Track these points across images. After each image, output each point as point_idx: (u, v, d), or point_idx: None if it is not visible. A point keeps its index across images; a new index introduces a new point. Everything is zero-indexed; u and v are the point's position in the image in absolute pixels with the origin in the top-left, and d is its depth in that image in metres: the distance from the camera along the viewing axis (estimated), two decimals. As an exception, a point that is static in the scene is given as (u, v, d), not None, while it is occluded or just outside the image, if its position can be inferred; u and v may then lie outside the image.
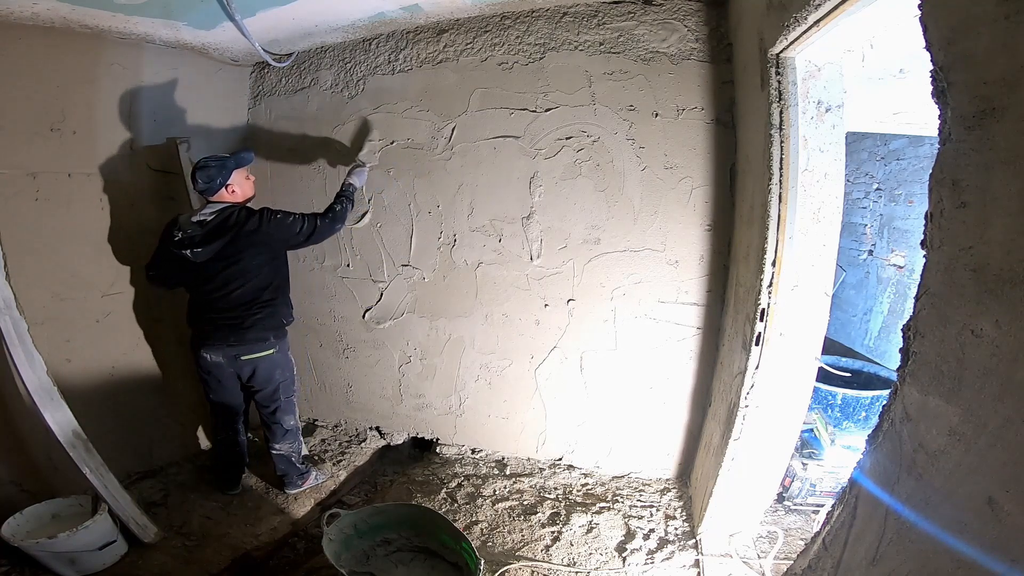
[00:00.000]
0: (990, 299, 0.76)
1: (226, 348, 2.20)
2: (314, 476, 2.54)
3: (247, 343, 2.20)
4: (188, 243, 2.11)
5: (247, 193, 2.22)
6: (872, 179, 4.25)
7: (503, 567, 2.00)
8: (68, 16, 1.99)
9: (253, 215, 2.13)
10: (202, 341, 2.22)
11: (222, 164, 2.12)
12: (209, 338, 2.21)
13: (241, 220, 2.10)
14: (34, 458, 2.06)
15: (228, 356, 2.21)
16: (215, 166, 2.10)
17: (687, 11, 2.07)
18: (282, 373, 2.31)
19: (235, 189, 2.15)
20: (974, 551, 0.76)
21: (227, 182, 2.12)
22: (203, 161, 2.11)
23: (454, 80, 2.44)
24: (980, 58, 0.75)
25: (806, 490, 2.29)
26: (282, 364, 2.30)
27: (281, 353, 2.29)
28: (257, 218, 2.12)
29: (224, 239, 2.09)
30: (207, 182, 2.10)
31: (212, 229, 2.10)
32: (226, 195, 2.15)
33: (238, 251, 2.12)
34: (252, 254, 2.15)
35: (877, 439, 1.06)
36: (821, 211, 1.65)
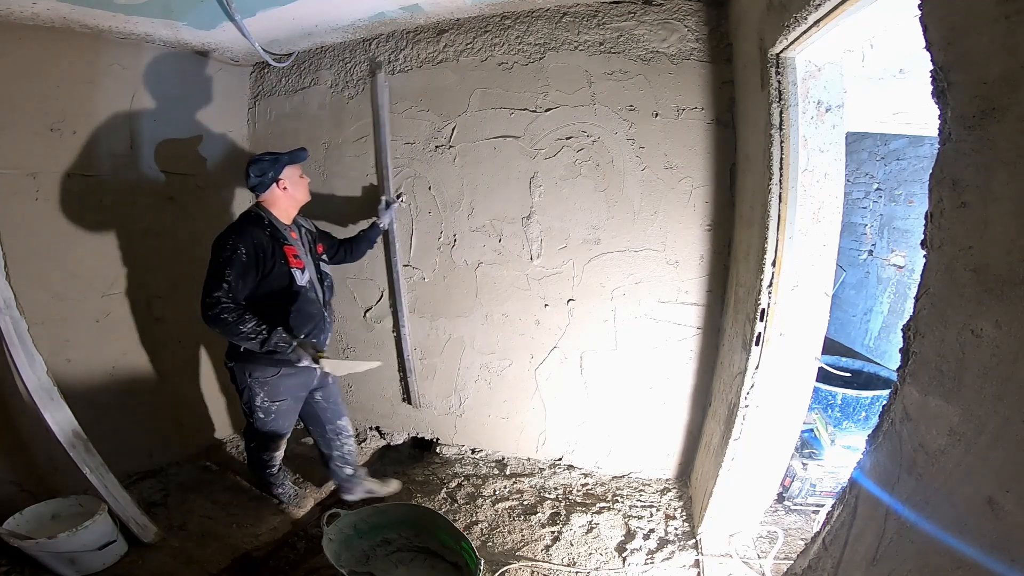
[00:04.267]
0: (990, 299, 0.76)
1: None
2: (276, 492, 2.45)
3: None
4: None
5: (298, 194, 2.09)
6: (872, 179, 4.25)
7: (503, 567, 2.00)
8: (68, 16, 1.99)
9: (229, 226, 1.98)
10: None
11: (275, 159, 2.02)
12: None
13: (231, 223, 2.02)
14: (34, 458, 2.06)
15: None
16: (268, 160, 2.01)
17: (687, 11, 2.07)
18: (237, 388, 2.14)
19: (287, 185, 2.04)
20: (974, 551, 0.76)
21: (279, 176, 2.01)
22: (256, 156, 2.02)
23: (454, 80, 2.44)
24: (980, 58, 0.75)
25: (806, 490, 2.29)
26: (236, 379, 2.12)
27: (233, 370, 2.10)
28: (221, 232, 1.94)
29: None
30: (259, 176, 1.99)
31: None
32: (278, 192, 2.03)
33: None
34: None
35: (877, 439, 1.06)
36: (821, 211, 1.65)
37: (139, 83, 2.41)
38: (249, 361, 2.03)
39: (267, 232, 1.97)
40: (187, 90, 2.62)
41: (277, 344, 1.90)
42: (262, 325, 1.88)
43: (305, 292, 2.06)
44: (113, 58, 2.29)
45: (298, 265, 2.03)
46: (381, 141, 2.55)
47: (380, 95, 2.50)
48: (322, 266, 2.20)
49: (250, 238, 1.91)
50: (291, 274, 2.00)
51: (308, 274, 2.07)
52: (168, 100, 2.54)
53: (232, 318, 1.82)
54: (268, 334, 1.88)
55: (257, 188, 2.02)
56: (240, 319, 1.84)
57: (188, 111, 2.65)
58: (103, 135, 2.31)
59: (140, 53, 2.38)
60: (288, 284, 2.00)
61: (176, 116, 2.60)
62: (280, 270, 1.97)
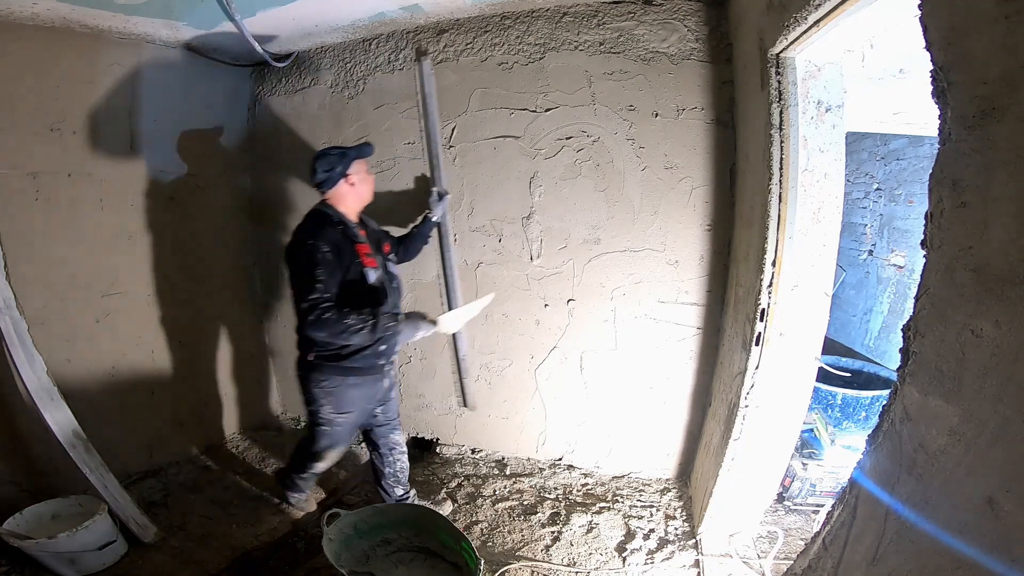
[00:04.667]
0: (990, 299, 0.76)
1: None
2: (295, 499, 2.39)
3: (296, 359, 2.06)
4: None
5: (365, 190, 2.00)
6: (872, 179, 4.25)
7: (503, 567, 2.00)
8: (68, 16, 1.99)
9: (300, 229, 1.88)
10: None
11: (343, 153, 1.92)
12: None
13: (302, 223, 1.91)
14: (34, 458, 2.07)
15: None
16: (336, 154, 1.91)
17: (687, 11, 2.07)
18: (304, 399, 2.07)
19: (354, 181, 1.94)
20: (974, 551, 0.76)
21: (347, 171, 1.91)
22: (323, 150, 1.93)
23: (454, 80, 2.44)
24: (980, 58, 0.75)
25: (806, 490, 2.29)
26: (304, 390, 2.04)
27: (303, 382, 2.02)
28: (294, 237, 1.87)
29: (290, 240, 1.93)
30: (327, 171, 1.89)
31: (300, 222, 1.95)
32: (344, 189, 1.93)
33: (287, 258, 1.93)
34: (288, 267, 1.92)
35: (877, 439, 1.06)
36: (821, 211, 1.65)
37: (139, 83, 2.41)
38: (318, 371, 1.96)
39: (339, 230, 1.89)
40: (187, 90, 2.62)
41: (386, 324, 1.82)
42: (363, 312, 1.79)
43: (383, 293, 1.99)
44: (113, 58, 2.29)
45: (371, 264, 1.95)
46: (430, 129, 2.40)
47: (427, 82, 2.34)
48: (390, 266, 2.10)
49: (328, 237, 1.82)
50: (364, 273, 1.92)
51: (378, 274, 1.98)
52: (168, 100, 2.54)
53: (335, 315, 1.75)
54: (375, 317, 1.80)
55: (324, 184, 1.91)
56: (342, 314, 1.76)
57: (188, 111, 2.65)
58: (103, 135, 2.31)
59: (140, 53, 2.38)
60: (361, 283, 1.92)
61: (176, 116, 2.60)
62: (355, 270, 1.89)
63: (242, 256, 3.04)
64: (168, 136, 2.57)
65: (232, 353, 3.02)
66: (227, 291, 2.97)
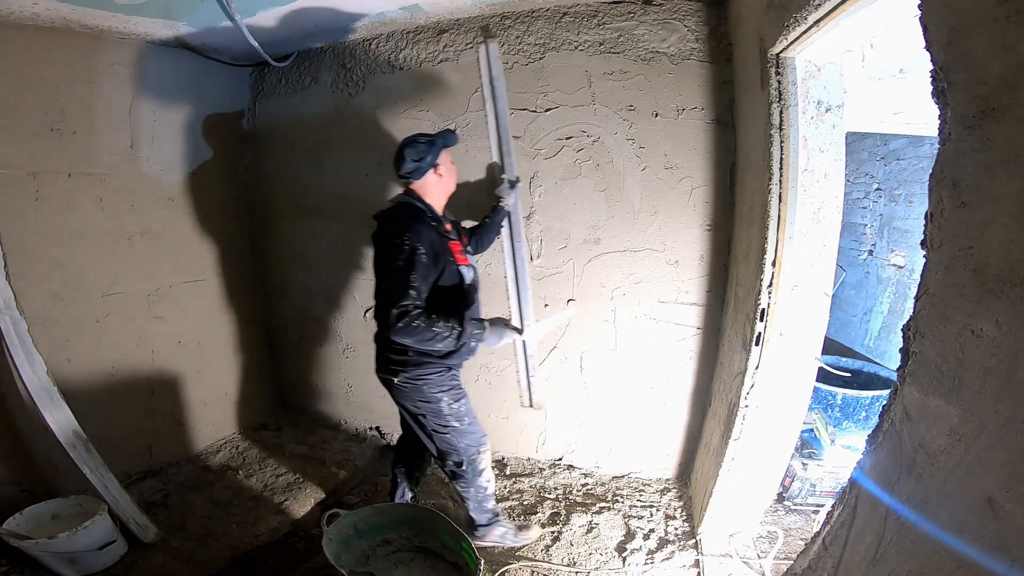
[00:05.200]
0: (990, 299, 0.76)
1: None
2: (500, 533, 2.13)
3: (377, 361, 1.93)
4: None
5: (451, 182, 1.91)
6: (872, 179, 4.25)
7: (503, 567, 2.00)
8: (68, 16, 1.99)
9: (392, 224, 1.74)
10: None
11: (431, 140, 1.81)
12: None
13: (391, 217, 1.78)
14: (34, 458, 2.07)
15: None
16: (425, 142, 1.80)
17: (687, 11, 2.07)
18: (416, 406, 1.91)
19: (442, 172, 1.85)
20: (974, 551, 0.76)
21: (436, 161, 1.82)
22: (410, 138, 1.82)
23: (454, 80, 2.44)
24: (980, 58, 0.74)
25: (806, 490, 2.29)
26: (411, 396, 1.89)
27: (403, 385, 1.87)
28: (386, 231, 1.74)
29: (376, 236, 1.82)
30: (416, 160, 1.78)
31: (380, 216, 1.82)
32: (432, 180, 1.83)
33: (375, 255, 1.84)
34: (376, 266, 1.83)
35: (877, 439, 1.06)
36: (821, 211, 1.65)
37: (139, 83, 2.41)
38: (423, 367, 1.83)
39: (433, 227, 1.78)
40: (187, 90, 2.62)
41: (472, 332, 1.74)
42: (450, 319, 1.70)
43: (473, 291, 1.91)
44: (113, 58, 2.29)
45: (464, 262, 1.86)
46: (499, 114, 2.31)
47: (494, 65, 2.25)
48: (469, 259, 2.01)
49: (425, 236, 1.71)
50: (460, 272, 1.84)
51: (472, 272, 1.90)
52: (168, 100, 2.54)
53: (424, 323, 1.64)
54: (462, 325, 1.71)
55: (413, 175, 1.80)
56: (431, 321, 1.65)
57: (188, 111, 2.66)
58: (103, 135, 2.31)
59: (140, 53, 2.38)
60: (459, 284, 1.83)
61: (176, 116, 2.60)
62: (450, 269, 1.80)
63: (242, 256, 3.04)
64: (168, 136, 2.57)
65: (232, 353, 3.03)
66: (227, 291, 2.97)
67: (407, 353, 1.82)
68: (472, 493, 2.03)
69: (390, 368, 1.87)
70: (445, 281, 1.79)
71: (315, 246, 2.94)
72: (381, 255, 1.75)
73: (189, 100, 2.65)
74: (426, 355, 1.82)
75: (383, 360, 1.89)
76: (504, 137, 2.34)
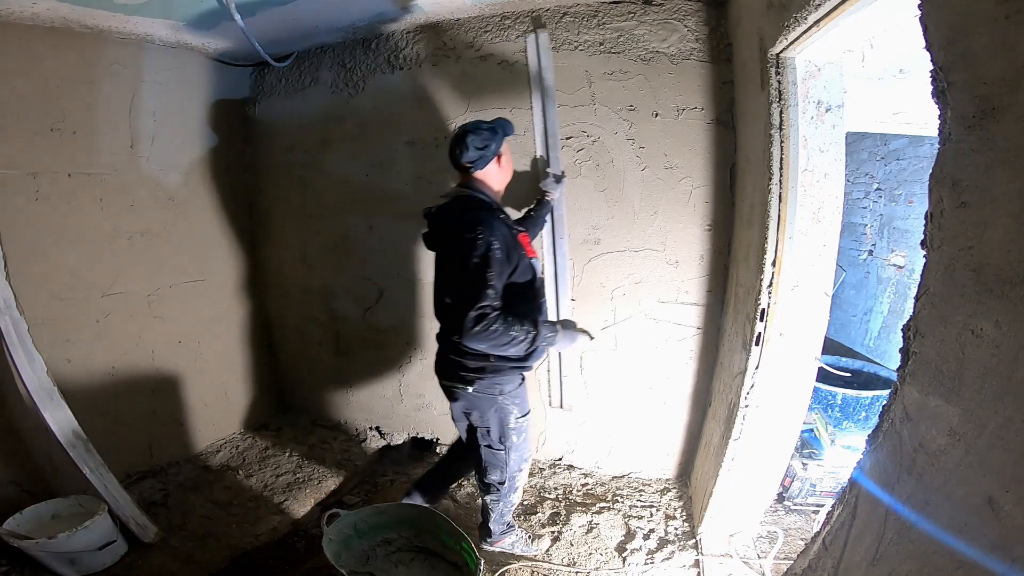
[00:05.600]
0: (990, 299, 0.76)
1: (437, 374, 1.84)
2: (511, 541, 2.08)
3: (444, 368, 1.81)
4: (428, 222, 1.75)
5: (509, 174, 1.82)
6: (872, 179, 4.25)
7: (503, 567, 2.00)
8: (68, 16, 1.99)
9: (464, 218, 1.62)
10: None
11: (493, 128, 1.71)
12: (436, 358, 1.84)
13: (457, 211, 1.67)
14: (34, 458, 2.06)
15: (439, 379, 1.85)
16: (488, 129, 1.69)
17: (687, 11, 2.07)
18: (481, 418, 1.80)
19: (503, 162, 1.76)
20: (974, 551, 0.76)
21: (499, 151, 1.72)
22: (471, 124, 1.70)
23: (454, 80, 2.44)
24: (980, 58, 0.74)
25: (806, 490, 2.29)
26: (479, 406, 1.78)
27: (478, 393, 1.75)
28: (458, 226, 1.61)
29: (439, 233, 1.72)
30: (480, 148, 1.67)
31: (439, 211, 1.73)
32: (495, 169, 1.73)
33: (443, 254, 1.73)
34: (442, 262, 1.73)
35: (877, 439, 1.06)
36: (821, 211, 1.65)
37: (139, 83, 2.41)
38: (498, 374, 1.72)
39: (502, 219, 1.67)
40: (187, 90, 2.62)
41: (545, 336, 1.64)
42: (524, 321, 1.60)
43: (542, 288, 1.81)
44: (113, 58, 2.29)
45: (534, 255, 1.78)
46: (546, 107, 2.27)
47: (543, 56, 2.20)
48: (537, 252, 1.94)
49: (498, 229, 1.59)
50: (532, 267, 1.74)
51: (539, 266, 1.80)
52: (168, 100, 2.54)
53: (502, 326, 1.53)
54: (536, 328, 1.61)
55: (477, 163, 1.69)
56: (508, 323, 1.55)
57: (188, 111, 2.66)
58: (103, 135, 2.31)
59: (140, 53, 2.38)
60: (531, 279, 1.73)
61: (176, 116, 2.60)
62: (523, 264, 1.69)
63: (242, 256, 3.04)
64: (168, 136, 2.57)
65: (232, 353, 3.03)
66: (227, 291, 2.97)
67: (487, 359, 1.69)
68: (499, 507, 1.96)
69: (462, 376, 1.72)
70: (518, 277, 1.67)
71: (315, 246, 2.94)
72: (450, 253, 1.61)
73: (189, 100, 2.65)
74: (505, 361, 1.70)
75: (453, 366, 1.74)
76: (551, 131, 2.29)
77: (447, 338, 1.75)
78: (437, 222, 1.73)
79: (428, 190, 2.59)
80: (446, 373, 1.79)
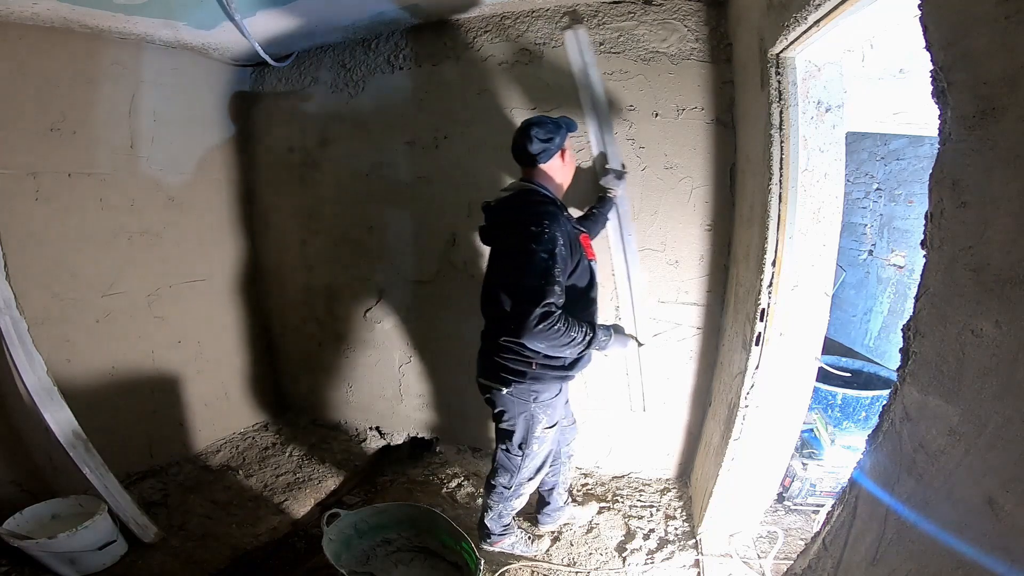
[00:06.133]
0: (990, 299, 0.76)
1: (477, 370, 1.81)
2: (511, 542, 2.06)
3: (481, 367, 1.78)
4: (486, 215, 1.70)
5: (571, 172, 1.77)
6: (872, 179, 4.25)
7: (503, 567, 2.00)
8: (68, 16, 1.99)
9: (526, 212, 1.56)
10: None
11: (557, 123, 1.66)
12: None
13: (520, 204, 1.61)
14: (34, 458, 2.07)
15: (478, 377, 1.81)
16: (552, 123, 1.64)
17: (687, 11, 2.07)
18: (510, 421, 1.76)
19: (567, 158, 1.71)
20: (974, 551, 0.76)
21: (563, 145, 1.67)
22: (535, 118, 1.66)
23: (454, 79, 2.44)
24: (980, 58, 0.75)
25: (806, 490, 2.29)
26: (511, 408, 1.74)
27: (514, 396, 1.71)
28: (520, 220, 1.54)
29: (500, 227, 1.66)
30: (545, 140, 1.61)
31: (498, 205, 1.67)
32: (557, 165, 1.68)
33: (501, 248, 1.66)
34: (497, 258, 1.67)
35: (877, 439, 1.06)
36: (821, 211, 1.65)
37: (139, 83, 2.41)
38: (538, 381, 1.68)
39: (565, 216, 1.62)
40: (187, 90, 2.62)
41: (600, 340, 1.62)
42: (583, 324, 1.56)
43: (598, 291, 1.77)
44: (113, 58, 2.29)
45: (594, 257, 1.73)
46: (597, 103, 2.21)
47: (585, 52, 2.15)
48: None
49: (562, 226, 1.52)
50: (591, 269, 1.70)
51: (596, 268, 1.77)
52: (168, 100, 2.54)
53: (564, 326, 1.49)
54: (594, 331, 1.58)
55: (542, 156, 1.63)
56: (569, 324, 1.50)
57: (188, 111, 2.66)
58: (103, 135, 2.31)
59: (140, 53, 2.38)
60: (589, 283, 1.69)
61: (176, 116, 2.60)
62: (583, 265, 1.64)
63: (242, 256, 3.04)
64: (168, 136, 2.57)
65: (232, 353, 3.03)
66: (227, 291, 2.97)
67: (530, 365, 1.65)
68: (499, 508, 1.94)
69: (502, 376, 1.67)
70: (576, 280, 1.62)
71: (315, 246, 2.94)
72: (512, 247, 1.53)
73: (189, 100, 2.65)
74: (548, 369, 1.66)
75: (494, 367, 1.69)
76: (605, 125, 2.22)
77: (494, 336, 1.67)
78: (497, 215, 1.67)
79: (428, 190, 2.59)
80: (485, 372, 1.75)
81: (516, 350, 1.64)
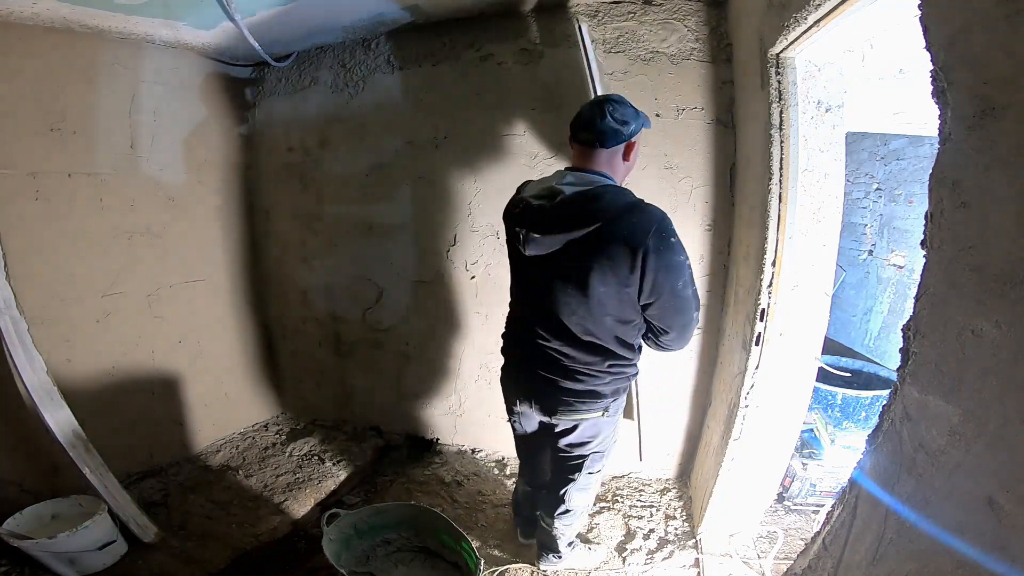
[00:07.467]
0: (990, 299, 0.76)
1: (534, 402, 1.58)
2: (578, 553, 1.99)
3: (567, 400, 1.52)
4: (526, 220, 1.41)
5: (626, 175, 1.55)
6: (872, 179, 4.25)
7: (503, 567, 2.00)
8: (68, 16, 1.99)
9: (653, 216, 1.31)
10: (508, 378, 1.65)
11: (636, 111, 1.45)
12: (516, 380, 1.63)
13: (615, 208, 1.31)
14: (34, 458, 2.06)
15: (538, 411, 1.60)
16: (632, 108, 1.43)
17: (687, 11, 2.07)
18: (600, 441, 1.65)
19: (632, 156, 1.49)
20: (974, 551, 0.76)
21: (634, 139, 1.45)
22: (615, 95, 1.45)
23: (454, 79, 2.44)
24: (980, 58, 0.75)
25: (806, 490, 2.29)
26: (604, 429, 1.64)
27: (609, 416, 1.60)
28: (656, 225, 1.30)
29: (577, 230, 1.33)
30: (621, 123, 1.38)
31: (564, 205, 1.36)
32: (619, 161, 1.46)
33: (585, 256, 1.34)
34: (600, 272, 1.33)
35: (877, 439, 1.06)
36: (821, 211, 1.65)
37: (139, 83, 2.41)
38: (619, 394, 1.61)
39: None
40: (187, 90, 2.62)
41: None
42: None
43: None
44: (113, 58, 2.29)
45: None
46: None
47: (590, 49, 2.07)
48: None
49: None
50: None
51: None
52: (168, 100, 2.54)
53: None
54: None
55: (610, 139, 1.39)
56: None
57: (188, 111, 2.65)
58: (103, 135, 2.31)
59: (140, 53, 2.38)
60: None
61: (176, 116, 2.60)
62: None
63: (242, 256, 3.04)
64: (168, 136, 2.57)
65: (232, 353, 3.03)
66: (227, 291, 2.97)
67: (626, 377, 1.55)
68: (575, 527, 1.90)
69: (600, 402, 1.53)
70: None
71: (315, 246, 2.94)
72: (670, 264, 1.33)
73: (189, 100, 2.65)
74: (626, 380, 1.58)
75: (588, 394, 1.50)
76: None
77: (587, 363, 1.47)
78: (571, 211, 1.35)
79: (428, 190, 2.59)
80: (576, 405, 1.52)
81: (621, 366, 1.50)
